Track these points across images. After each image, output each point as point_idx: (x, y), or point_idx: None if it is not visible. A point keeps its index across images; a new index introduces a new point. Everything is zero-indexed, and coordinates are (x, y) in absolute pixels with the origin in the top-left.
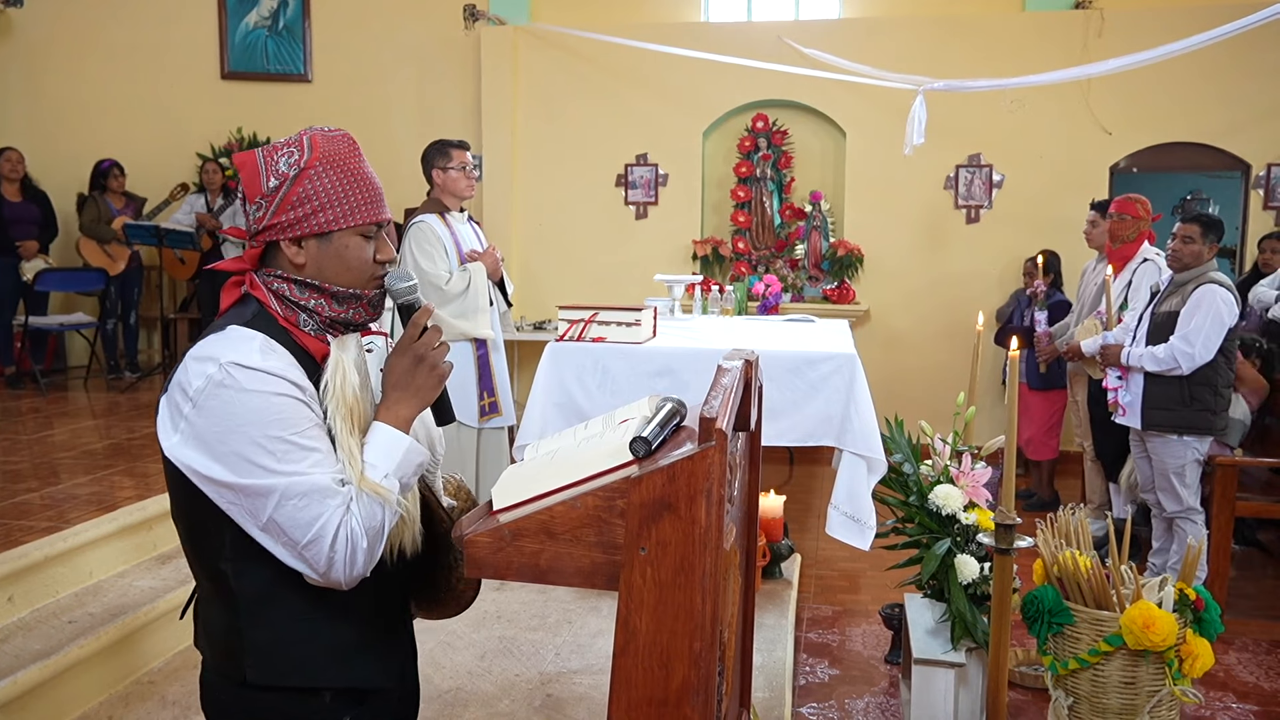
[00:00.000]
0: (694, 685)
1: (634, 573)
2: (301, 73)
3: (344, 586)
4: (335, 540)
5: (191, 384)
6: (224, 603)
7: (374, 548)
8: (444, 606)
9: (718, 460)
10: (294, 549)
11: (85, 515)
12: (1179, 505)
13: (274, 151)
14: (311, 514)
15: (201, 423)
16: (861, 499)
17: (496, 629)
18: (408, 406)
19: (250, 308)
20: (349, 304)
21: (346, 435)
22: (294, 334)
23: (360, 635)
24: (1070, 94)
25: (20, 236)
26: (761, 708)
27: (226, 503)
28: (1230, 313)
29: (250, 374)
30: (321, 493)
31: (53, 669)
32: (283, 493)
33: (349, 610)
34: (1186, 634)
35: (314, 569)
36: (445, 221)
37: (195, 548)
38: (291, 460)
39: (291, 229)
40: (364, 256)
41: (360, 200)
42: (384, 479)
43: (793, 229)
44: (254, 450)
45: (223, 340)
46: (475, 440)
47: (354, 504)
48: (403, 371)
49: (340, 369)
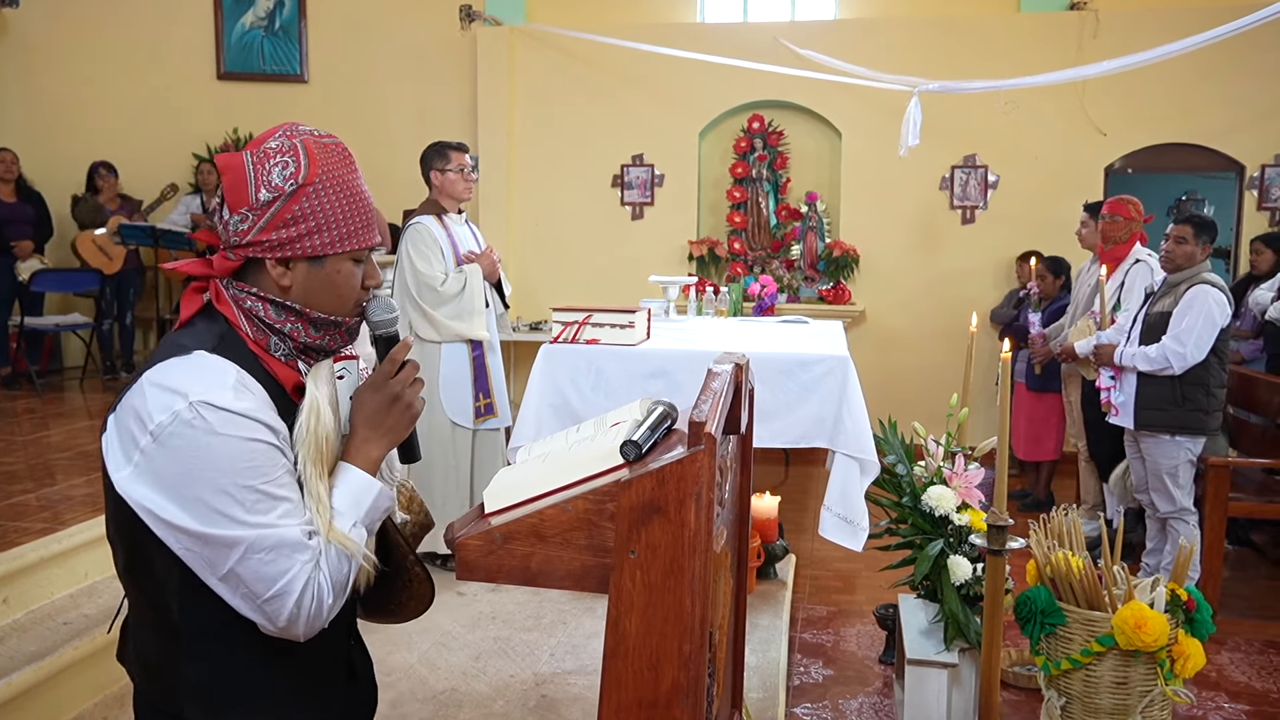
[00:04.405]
0: (684, 687)
1: (624, 575)
2: (298, 73)
3: (301, 639)
4: (302, 597)
5: (153, 416)
6: (163, 633)
7: (338, 600)
8: (396, 617)
9: (707, 464)
10: (253, 601)
11: (81, 516)
12: (1172, 505)
13: (265, 159)
14: (278, 569)
15: (162, 461)
16: (854, 500)
17: (491, 630)
18: (378, 446)
19: (216, 327)
20: (327, 331)
21: (316, 480)
22: (263, 359)
23: (301, 676)
24: (1065, 95)
25: (15, 237)
26: (756, 708)
27: (182, 548)
28: (1222, 313)
29: (223, 416)
30: (291, 547)
31: (48, 670)
32: (249, 546)
33: (291, 650)
34: (1178, 634)
35: (272, 623)
36: (442, 223)
37: (136, 577)
38: (260, 511)
39: (282, 249)
40: (354, 283)
41: (358, 223)
42: (352, 529)
43: (788, 229)
44: (221, 499)
45: (192, 371)
46: (470, 441)
47: (322, 558)
48: (375, 410)
49: (316, 411)
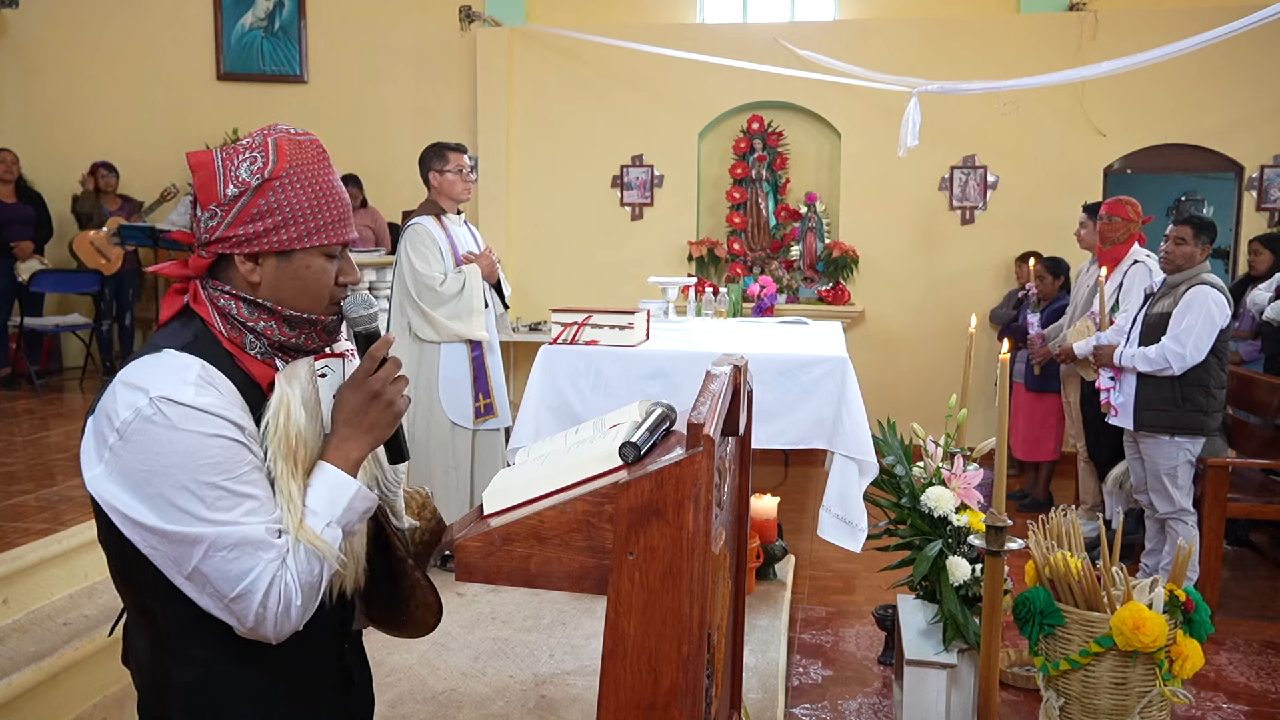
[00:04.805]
0: (682, 688)
1: (622, 577)
2: (297, 74)
3: (272, 641)
4: (267, 596)
5: (119, 414)
6: (151, 638)
7: (309, 603)
8: (404, 629)
9: (705, 466)
10: (220, 600)
11: (81, 517)
12: (1171, 506)
13: (234, 154)
14: (242, 567)
15: (128, 458)
16: (853, 501)
17: (491, 630)
18: (358, 446)
19: (193, 326)
20: (302, 329)
21: (287, 478)
22: (238, 357)
23: (290, 679)
24: (1064, 96)
25: (15, 237)
26: (755, 709)
27: (149, 547)
28: (1222, 314)
29: (182, 411)
30: (254, 545)
31: (48, 671)
32: (211, 543)
33: (279, 653)
34: (1177, 635)
35: (241, 623)
36: (441, 224)
37: (122, 580)
38: (223, 508)
39: (248, 244)
40: (325, 280)
41: (328, 218)
42: (325, 528)
43: (788, 230)
44: (182, 495)
45: (155, 367)
46: (470, 441)
47: (290, 557)
48: (354, 408)
49: (284, 407)
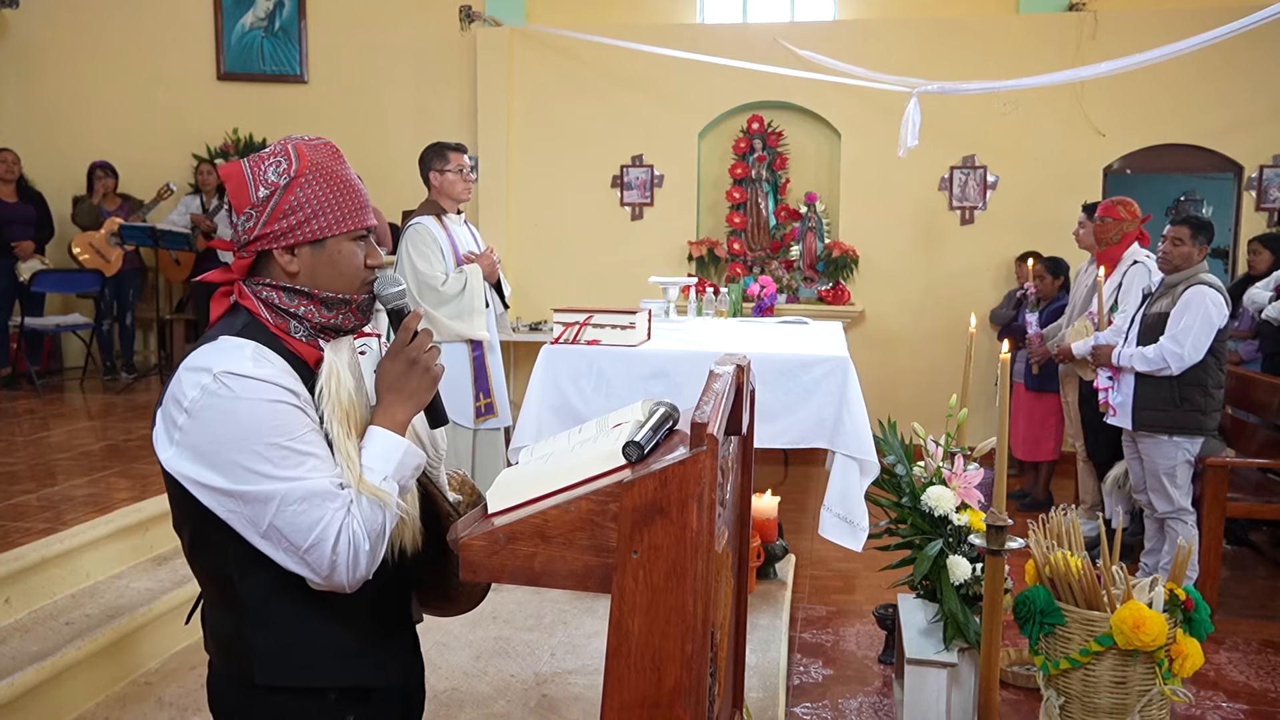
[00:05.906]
0: (686, 686)
1: (626, 576)
2: (298, 74)
3: (347, 589)
4: (337, 543)
5: (186, 395)
6: (229, 608)
7: (376, 550)
8: (454, 604)
9: (709, 465)
10: (295, 554)
11: (82, 517)
12: (1170, 506)
13: (260, 161)
14: (312, 518)
15: (197, 433)
16: (854, 501)
17: (492, 629)
18: (403, 409)
19: (240, 318)
20: (338, 309)
21: (344, 439)
22: (286, 341)
23: (362, 635)
24: (1064, 96)
25: (16, 237)
26: (756, 708)
27: (226, 511)
28: (1220, 314)
29: (244, 382)
30: (321, 496)
31: (50, 670)
32: (282, 498)
33: (351, 610)
34: (1176, 634)
35: (316, 573)
36: (442, 224)
37: (199, 556)
38: (289, 466)
39: (285, 237)
40: (355, 262)
41: (350, 207)
42: (382, 482)
43: (788, 230)
44: (251, 458)
45: (214, 350)
46: (471, 441)
47: (354, 506)
48: (396, 375)
49: (335, 373)
